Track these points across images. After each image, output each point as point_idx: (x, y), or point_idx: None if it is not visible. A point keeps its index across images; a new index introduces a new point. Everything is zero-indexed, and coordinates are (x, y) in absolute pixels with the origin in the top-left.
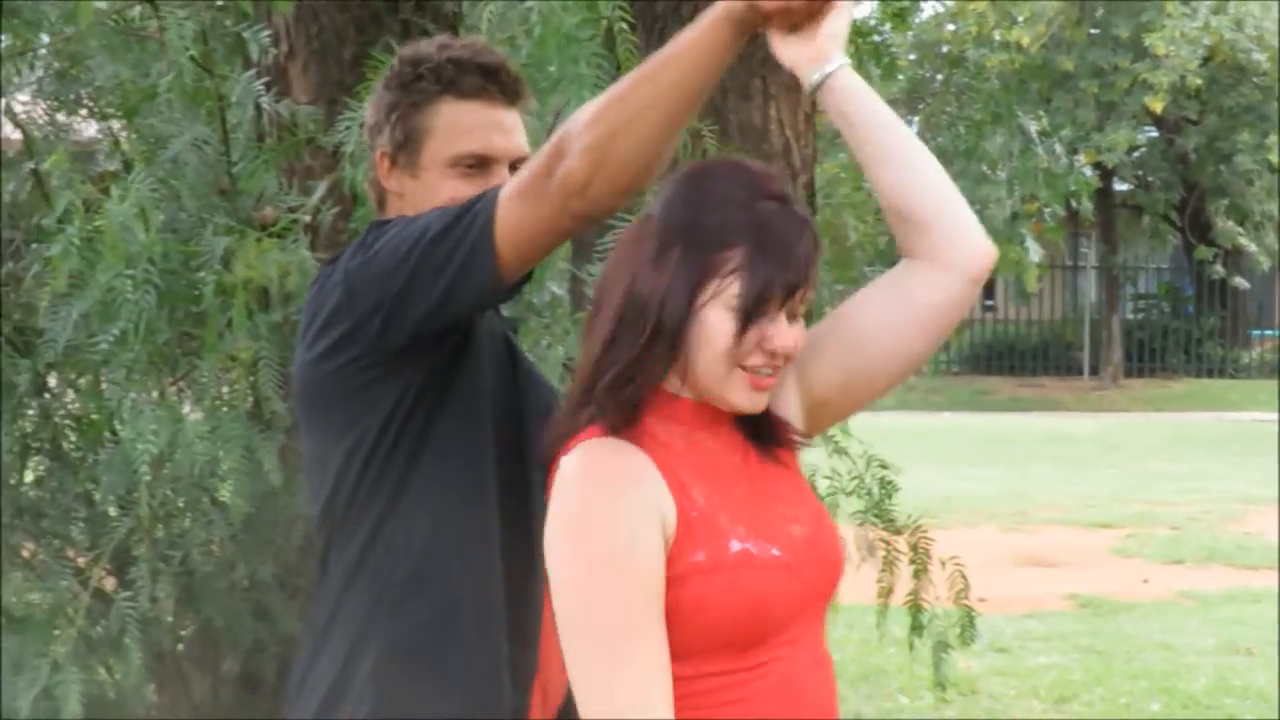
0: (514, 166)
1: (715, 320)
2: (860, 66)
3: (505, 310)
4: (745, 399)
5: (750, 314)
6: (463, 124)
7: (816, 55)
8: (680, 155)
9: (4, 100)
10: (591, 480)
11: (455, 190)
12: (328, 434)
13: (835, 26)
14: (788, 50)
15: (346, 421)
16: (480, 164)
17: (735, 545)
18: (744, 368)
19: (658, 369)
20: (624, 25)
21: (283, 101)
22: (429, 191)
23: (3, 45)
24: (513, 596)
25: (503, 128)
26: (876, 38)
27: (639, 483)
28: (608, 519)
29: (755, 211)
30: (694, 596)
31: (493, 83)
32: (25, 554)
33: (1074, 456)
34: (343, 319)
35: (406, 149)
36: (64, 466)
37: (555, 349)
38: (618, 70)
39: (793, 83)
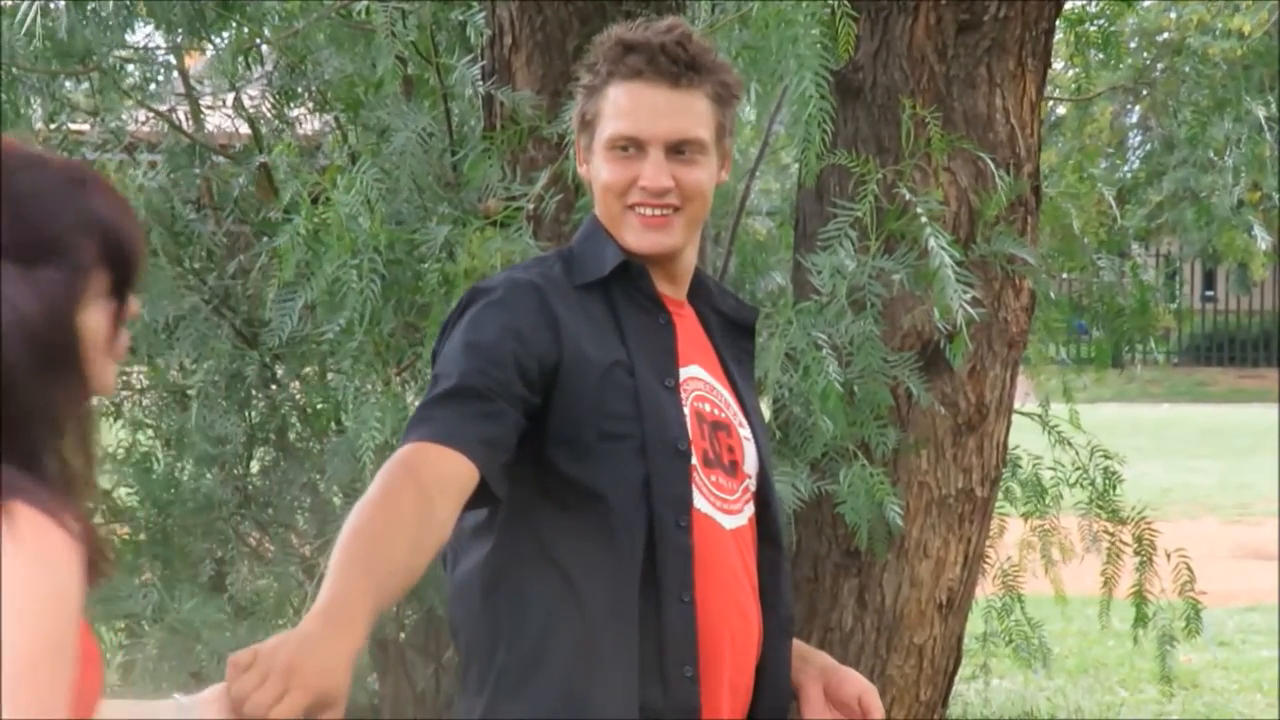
0: (675, 150)
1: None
2: (1080, 53)
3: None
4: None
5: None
6: (620, 106)
7: None
8: (904, 144)
9: (231, 95)
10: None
11: (610, 174)
12: None
13: None
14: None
15: None
16: (633, 145)
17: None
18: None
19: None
20: (845, 2)
21: (502, 90)
22: (596, 174)
23: (228, 41)
24: None
25: (657, 110)
26: (1097, 23)
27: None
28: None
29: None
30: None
31: (651, 64)
32: (252, 542)
33: None
34: None
35: (586, 134)
36: (289, 456)
37: (776, 341)
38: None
39: (1018, 70)
